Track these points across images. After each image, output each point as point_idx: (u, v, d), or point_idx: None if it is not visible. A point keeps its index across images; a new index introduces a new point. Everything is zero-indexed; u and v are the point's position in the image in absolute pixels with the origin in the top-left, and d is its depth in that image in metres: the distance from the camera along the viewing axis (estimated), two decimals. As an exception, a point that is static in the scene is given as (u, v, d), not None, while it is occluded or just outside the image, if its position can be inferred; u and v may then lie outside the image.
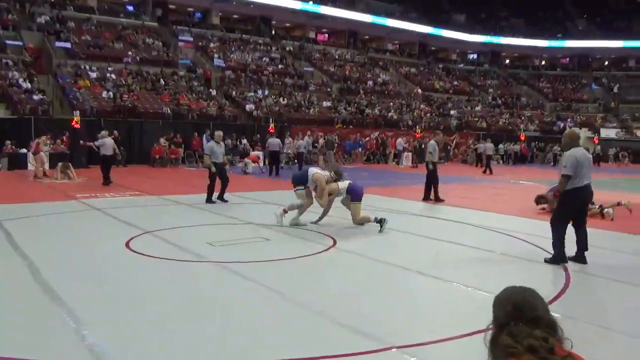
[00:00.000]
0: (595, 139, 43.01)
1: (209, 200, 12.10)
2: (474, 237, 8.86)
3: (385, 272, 6.45)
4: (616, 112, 49.03)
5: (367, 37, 54.72)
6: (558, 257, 6.91)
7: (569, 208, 6.94)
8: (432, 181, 13.37)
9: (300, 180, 9.47)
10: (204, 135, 24.45)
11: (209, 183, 12.29)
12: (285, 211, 9.39)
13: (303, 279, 6.07)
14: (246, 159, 22.36)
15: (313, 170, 9.45)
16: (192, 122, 27.54)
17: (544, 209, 12.08)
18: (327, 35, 53.91)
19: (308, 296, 5.38)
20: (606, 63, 60.41)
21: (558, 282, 6.11)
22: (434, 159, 13.45)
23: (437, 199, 13.29)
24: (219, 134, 12.88)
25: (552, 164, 35.67)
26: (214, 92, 32.05)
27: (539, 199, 12.36)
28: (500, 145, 35.68)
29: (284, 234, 8.68)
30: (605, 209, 11.09)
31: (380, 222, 9.03)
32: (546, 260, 6.98)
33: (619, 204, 11.43)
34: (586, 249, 7.04)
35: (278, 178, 19.73)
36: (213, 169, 12.23)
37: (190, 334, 4.34)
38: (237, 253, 7.19)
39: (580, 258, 6.98)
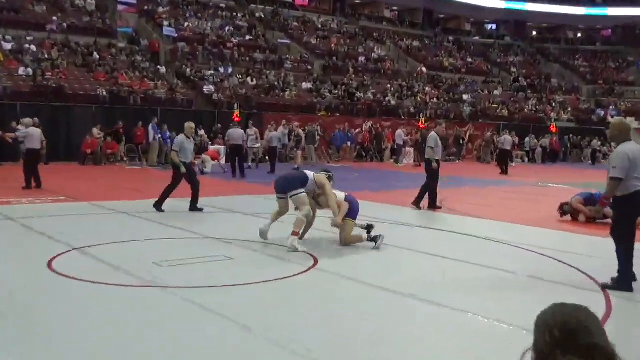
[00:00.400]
0: (642, 131, 43.70)
1: (158, 205, 12.08)
2: (489, 254, 8.94)
3: (378, 300, 6.47)
4: (668, 98, 49.84)
5: (357, 0, 54.98)
6: (623, 282, 6.94)
7: (630, 216, 6.98)
8: (429, 184, 13.46)
9: (297, 184, 9.13)
10: (151, 125, 24.36)
11: (168, 184, 12.25)
12: (296, 233, 8.85)
13: (276, 309, 6.07)
14: (203, 156, 22.32)
15: (310, 172, 9.38)
16: (135, 107, 27.38)
17: (574, 218, 12.28)
18: (307, -2, 54.02)
19: (282, 331, 5.37)
20: (657, 36, 61.34)
21: (596, 310, 6.18)
22: (436, 155, 13.53)
23: (433, 206, 13.45)
24: (190, 125, 12.84)
25: (590, 162, 36.14)
26: (162, 70, 31.91)
27: (563, 208, 12.56)
28: (527, 139, 36.07)
29: (252, 251, 8.68)
30: None
31: (375, 239, 9.09)
32: (606, 287, 7.00)
33: None
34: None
35: (243, 180, 19.71)
36: (183, 169, 12.23)
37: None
38: (191, 275, 7.16)
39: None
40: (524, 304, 6.42)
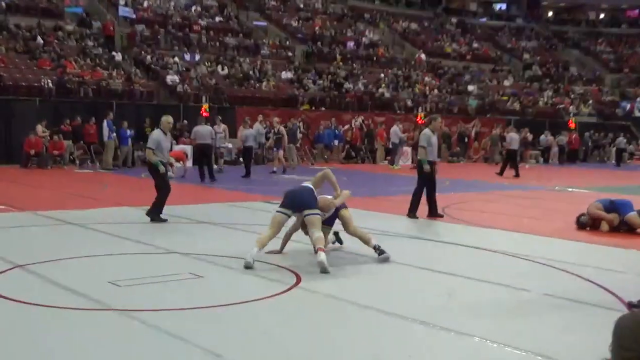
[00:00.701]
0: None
1: (156, 215, 12.10)
2: (499, 269, 9.02)
3: (373, 323, 6.51)
4: None
5: (346, -24, 55.08)
6: None
7: None
8: (420, 189, 13.51)
9: (314, 201, 9.13)
10: (105, 122, 24.28)
11: (160, 193, 12.24)
12: (322, 250, 8.61)
13: (252, 335, 6.08)
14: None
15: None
16: (86, 100, 27.29)
17: (595, 227, 12.41)
18: (287, -27, 54.02)
19: None
20: (692, 16, 62.00)
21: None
22: (429, 156, 13.54)
23: (434, 214, 13.52)
24: (167, 119, 12.78)
25: (614, 162, 36.45)
26: (118, 57, 31.83)
27: (580, 219, 12.64)
28: (542, 137, 36.33)
29: (224, 267, 8.68)
30: None
31: (381, 251, 9.25)
32: (633, 305, 7.08)
33: None
34: None
35: (214, 185, 19.70)
36: (162, 168, 12.25)
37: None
38: (153, 296, 7.16)
39: None
40: (539, 327, 6.48)
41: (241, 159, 25.74)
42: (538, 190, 20.67)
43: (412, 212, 13.43)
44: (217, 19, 39.29)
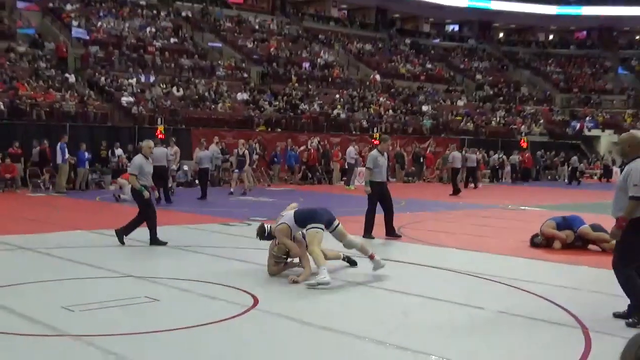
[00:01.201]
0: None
1: (155, 239, 12.13)
2: (454, 287, 9.12)
3: (329, 344, 6.53)
4: (651, 108, 51.66)
5: (301, -2, 55.44)
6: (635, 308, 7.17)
7: (634, 245, 7.22)
8: (371, 209, 13.59)
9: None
10: (59, 145, 23.95)
11: (141, 216, 12.21)
12: (371, 256, 9.81)
13: (208, 359, 6.06)
14: (120, 179, 22.02)
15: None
16: (39, 123, 26.96)
17: (549, 245, 12.61)
18: (242, -5, 54.22)
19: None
20: (637, 38, 63.73)
21: (573, 349, 6.37)
22: (376, 177, 13.62)
23: (391, 234, 13.65)
24: (148, 144, 12.89)
25: (566, 181, 37.08)
26: (71, 78, 31.53)
27: (534, 240, 12.84)
28: (494, 156, 36.85)
29: (180, 290, 8.64)
30: None
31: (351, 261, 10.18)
32: (628, 324, 7.15)
33: None
34: None
35: (169, 207, 19.58)
36: (146, 193, 12.24)
37: None
38: (108, 321, 7.09)
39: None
40: (494, 344, 6.57)
41: (197, 181, 25.62)
42: (491, 209, 20.93)
43: (366, 233, 13.50)
44: (172, 40, 39.19)
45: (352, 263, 10.28)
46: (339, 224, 9.66)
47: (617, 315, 7.35)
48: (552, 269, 10.74)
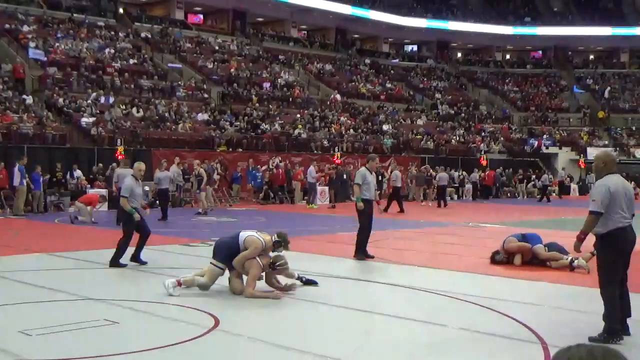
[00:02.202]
0: (580, 162, 45.94)
1: (115, 261, 12.03)
2: (416, 305, 9.15)
3: (292, 364, 6.49)
4: (606, 125, 52.68)
5: (260, 19, 55.72)
6: (609, 332, 7.17)
7: (612, 258, 7.32)
8: (364, 227, 13.42)
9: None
10: (17, 167, 23.54)
11: (122, 237, 12.22)
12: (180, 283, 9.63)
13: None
14: (78, 202, 21.72)
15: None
16: (-4, 145, 26.58)
17: (509, 261, 12.70)
18: (202, 15, 54.29)
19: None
20: (591, 57, 65.10)
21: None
22: (367, 193, 13.46)
23: (362, 253, 13.45)
24: (139, 167, 12.98)
25: (520, 197, 37.53)
26: (29, 100, 31.15)
27: (495, 258, 12.94)
28: (454, 174, 37.15)
29: (139, 312, 8.53)
30: (576, 260, 11.86)
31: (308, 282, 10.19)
32: (592, 339, 7.15)
33: (593, 254, 12.20)
34: (628, 315, 7.44)
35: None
36: (137, 216, 12.27)
37: None
38: (66, 345, 6.97)
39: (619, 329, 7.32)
40: (456, 361, 6.58)
41: (157, 202, 25.43)
42: (453, 226, 21.07)
43: (359, 253, 13.22)
44: (131, 61, 38.97)
45: (312, 283, 10.22)
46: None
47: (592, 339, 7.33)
48: (513, 285, 10.81)
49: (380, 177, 35.49)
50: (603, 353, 1.94)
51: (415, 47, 65.35)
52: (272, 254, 9.68)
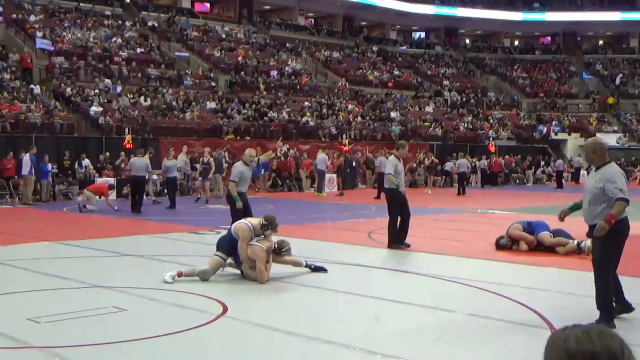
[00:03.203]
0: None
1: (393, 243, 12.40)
2: (425, 291, 9.15)
3: (300, 350, 6.51)
4: (616, 111, 52.40)
5: (267, 7, 55.60)
6: (606, 316, 7.22)
7: (617, 244, 7.38)
8: (394, 217, 13.07)
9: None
10: (27, 155, 23.60)
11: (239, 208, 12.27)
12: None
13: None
14: (86, 191, 21.79)
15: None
16: (4, 134, 26.62)
17: (515, 248, 12.70)
18: (208, 4, 54.22)
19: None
20: (600, 43, 64.70)
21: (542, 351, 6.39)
22: (398, 182, 13.23)
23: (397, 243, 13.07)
24: (250, 152, 13.20)
25: (529, 184, 37.41)
26: (36, 89, 31.21)
27: (499, 242, 12.91)
28: (448, 163, 37.05)
29: (148, 300, 8.56)
30: (584, 243, 11.92)
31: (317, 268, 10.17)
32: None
33: None
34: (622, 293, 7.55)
35: (139, 217, 19.45)
36: (239, 203, 12.47)
37: None
38: (75, 332, 7.00)
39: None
40: (464, 347, 6.58)
41: (165, 190, 25.52)
42: (460, 213, 21.03)
43: (394, 243, 12.95)
44: (139, 50, 38.96)
45: (321, 270, 10.25)
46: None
47: None
48: (520, 271, 10.80)
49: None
50: (599, 333, 1.91)
51: (422, 34, 65.10)
52: (274, 239, 9.77)
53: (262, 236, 9.68)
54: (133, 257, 11.94)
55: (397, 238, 13.05)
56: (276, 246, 9.70)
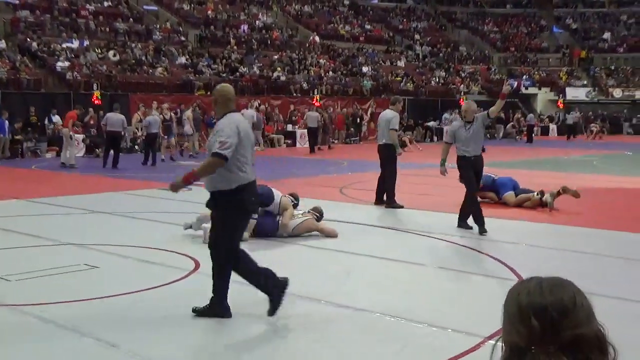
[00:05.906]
0: (559, 103, 46.12)
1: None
2: (396, 245, 9.26)
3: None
4: (586, 66, 52.69)
5: (237, -41, 54.64)
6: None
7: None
8: (391, 174, 13.00)
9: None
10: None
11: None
12: None
13: (149, 323, 6.01)
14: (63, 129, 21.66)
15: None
16: (-31, 91, 26.23)
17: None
18: (177, -44, 53.15)
19: (155, 349, 5.37)
20: (571, -4, 64.62)
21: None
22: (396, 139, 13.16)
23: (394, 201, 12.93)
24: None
25: (499, 138, 37.90)
26: (1, 44, 30.63)
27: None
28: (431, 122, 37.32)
29: (120, 257, 8.54)
30: (545, 197, 12.15)
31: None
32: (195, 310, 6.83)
33: (559, 192, 12.38)
34: None
35: (114, 173, 19.31)
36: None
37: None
38: (46, 290, 7.00)
39: None
40: (433, 299, 6.67)
41: (136, 147, 25.39)
42: (430, 168, 21.10)
43: (392, 202, 12.73)
44: (106, 3, 38.24)
45: None
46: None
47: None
48: (490, 225, 10.88)
49: (358, 120, 35.54)
50: (552, 285, 1.86)
51: (394, -13, 64.55)
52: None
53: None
54: (106, 215, 11.87)
55: (393, 196, 12.83)
56: (317, 214, 10.06)
